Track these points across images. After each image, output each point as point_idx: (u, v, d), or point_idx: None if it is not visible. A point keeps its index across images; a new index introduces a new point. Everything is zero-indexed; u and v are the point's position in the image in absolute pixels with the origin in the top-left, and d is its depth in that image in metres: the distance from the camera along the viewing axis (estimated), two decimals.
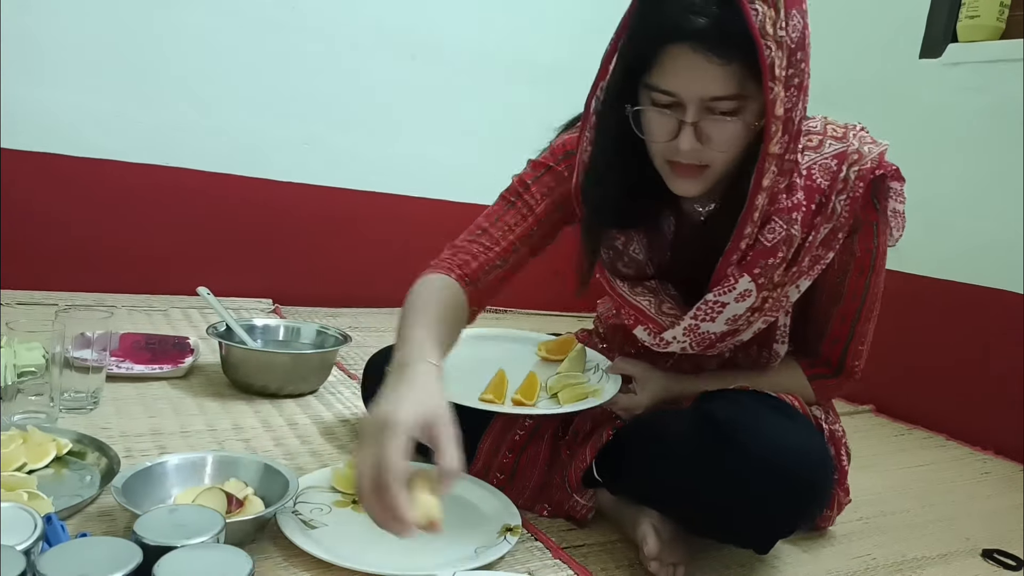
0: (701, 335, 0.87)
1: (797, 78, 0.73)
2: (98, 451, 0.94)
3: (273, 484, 0.87)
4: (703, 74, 0.71)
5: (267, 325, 1.47)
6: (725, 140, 0.75)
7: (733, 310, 0.84)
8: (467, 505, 0.96)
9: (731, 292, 0.83)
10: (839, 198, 0.82)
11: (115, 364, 1.29)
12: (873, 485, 1.32)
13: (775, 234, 0.80)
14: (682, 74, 0.72)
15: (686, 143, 0.75)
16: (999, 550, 1.10)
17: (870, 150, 0.83)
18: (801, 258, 0.83)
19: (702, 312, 0.85)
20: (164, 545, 0.61)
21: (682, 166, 0.78)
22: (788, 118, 0.74)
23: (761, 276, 0.82)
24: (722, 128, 0.74)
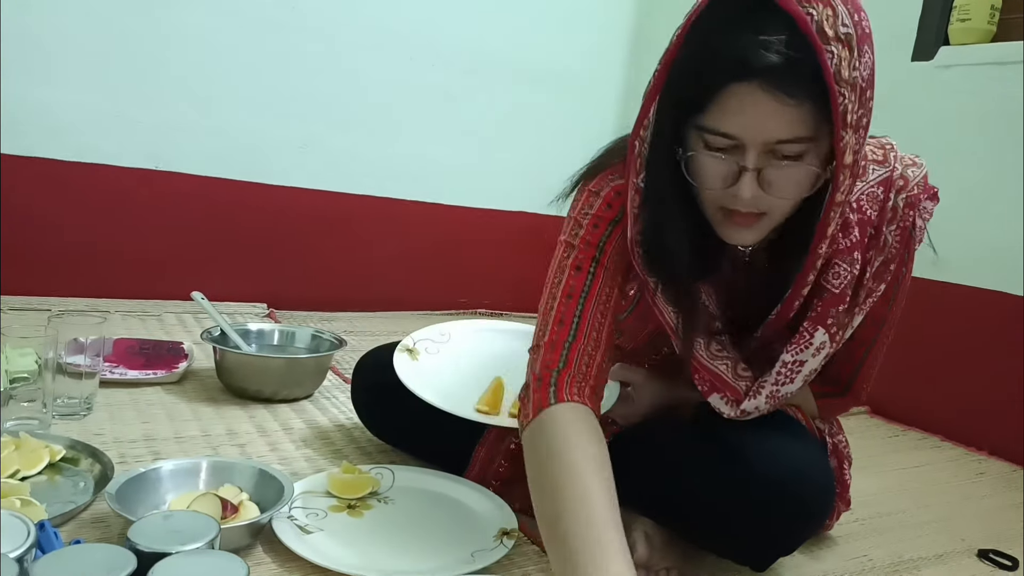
0: (780, 398, 0.81)
1: (865, 118, 0.67)
2: (91, 457, 0.93)
3: (268, 489, 0.86)
4: (771, 115, 0.63)
5: (262, 329, 1.46)
6: (789, 187, 0.68)
7: (811, 366, 0.79)
8: (463, 509, 0.95)
9: (808, 349, 0.78)
10: (889, 228, 0.77)
11: (108, 369, 1.29)
12: (869, 486, 1.32)
13: (840, 279, 0.76)
14: (747, 115, 0.64)
15: (747, 191, 0.67)
16: (995, 550, 1.10)
17: (913, 174, 0.79)
18: (859, 294, 0.79)
19: (782, 376, 0.79)
20: (158, 552, 0.60)
21: (740, 214, 0.70)
22: (855, 162, 0.68)
23: (835, 326, 0.77)
24: (786, 174, 0.67)
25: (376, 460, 1.12)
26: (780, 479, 0.76)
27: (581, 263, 0.80)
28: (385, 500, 0.96)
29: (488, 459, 1.02)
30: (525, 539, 0.92)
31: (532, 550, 0.90)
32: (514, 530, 0.89)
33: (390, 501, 0.96)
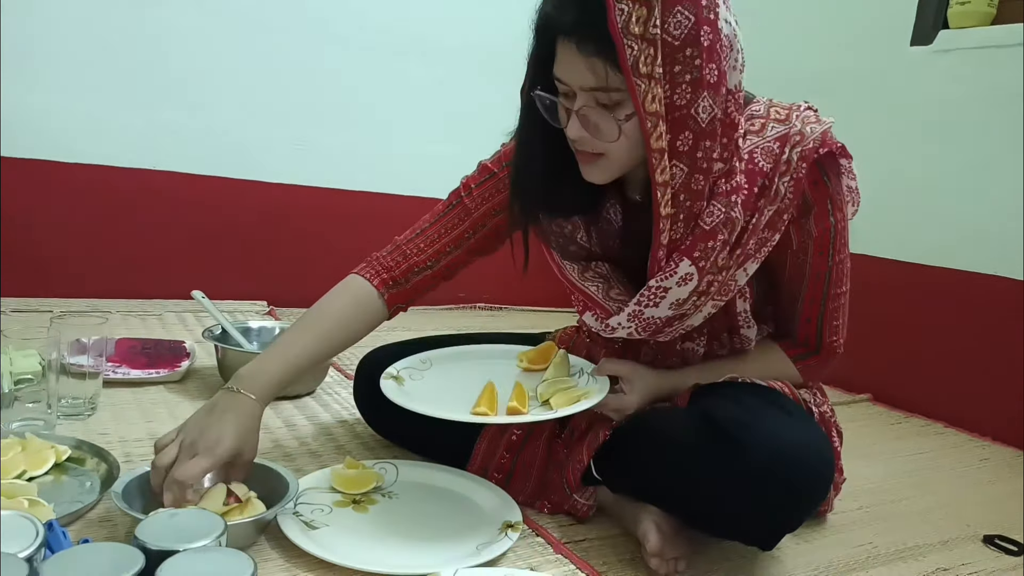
0: (646, 320, 0.87)
1: (688, 74, 0.73)
2: (97, 457, 0.93)
3: (273, 486, 0.86)
4: (577, 66, 0.75)
5: (263, 327, 1.47)
6: (606, 131, 0.78)
7: (676, 294, 0.84)
8: (467, 502, 0.96)
9: (672, 277, 0.83)
10: (783, 180, 0.82)
11: (111, 370, 1.29)
12: (873, 473, 1.32)
13: (714, 217, 0.81)
14: (564, 65, 0.77)
15: (571, 131, 0.79)
16: (1000, 535, 1.11)
17: (812, 130, 0.83)
18: (746, 241, 0.83)
19: (645, 298, 0.85)
20: (166, 549, 0.61)
21: (581, 153, 0.82)
22: (684, 115, 0.75)
23: (702, 259, 0.82)
24: (601, 118, 0.77)
25: (379, 455, 1.12)
26: (779, 454, 0.77)
27: (452, 197, 1.02)
28: (389, 495, 0.96)
29: (489, 452, 1.02)
30: (530, 531, 0.92)
31: (537, 542, 0.91)
32: (518, 522, 0.90)
33: (394, 496, 0.96)
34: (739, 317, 0.93)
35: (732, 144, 0.81)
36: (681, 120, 0.75)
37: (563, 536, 0.94)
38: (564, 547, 0.90)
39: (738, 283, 0.87)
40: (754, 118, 0.85)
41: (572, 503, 0.97)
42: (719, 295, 0.87)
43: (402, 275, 0.98)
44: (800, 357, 0.96)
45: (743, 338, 0.95)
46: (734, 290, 0.87)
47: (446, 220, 1.00)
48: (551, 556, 0.88)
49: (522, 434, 1.02)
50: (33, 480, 0.86)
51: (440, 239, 0.99)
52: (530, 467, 1.01)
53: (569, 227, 0.93)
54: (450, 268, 1.00)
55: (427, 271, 0.99)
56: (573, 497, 0.97)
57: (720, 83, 0.76)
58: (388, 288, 0.98)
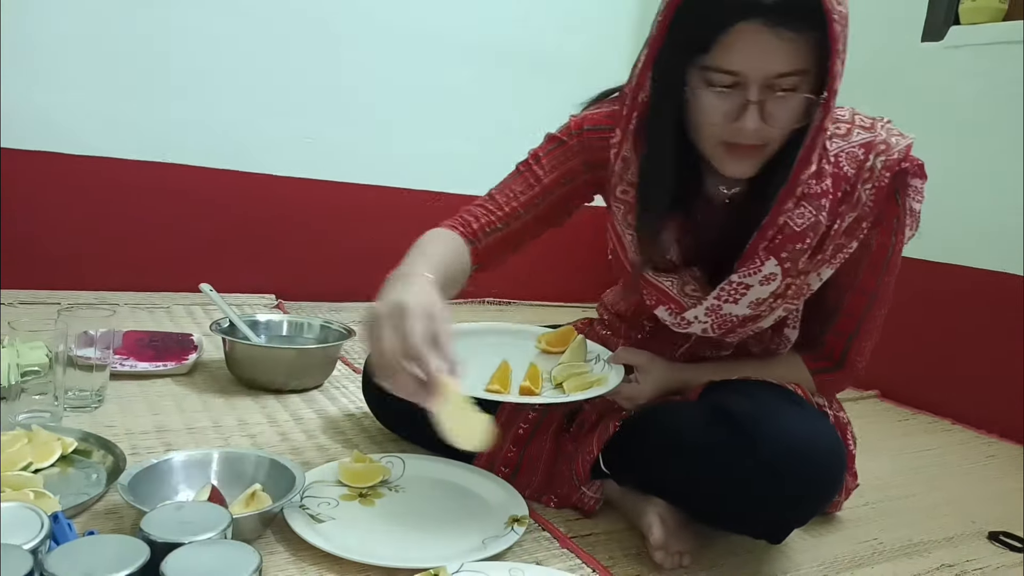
0: (723, 316, 0.86)
1: (845, 53, 0.73)
2: (103, 449, 0.94)
3: (280, 479, 0.87)
4: (774, 50, 0.69)
5: (270, 321, 1.47)
6: (788, 117, 0.74)
7: (756, 293, 0.83)
8: (473, 496, 0.96)
9: (756, 274, 0.82)
10: (864, 187, 0.80)
11: (119, 362, 1.29)
12: (879, 470, 1.32)
13: (804, 219, 0.79)
14: (751, 52, 0.70)
15: (751, 122, 0.73)
16: (1005, 532, 1.10)
17: (897, 141, 0.82)
18: (826, 246, 0.82)
19: (725, 293, 0.84)
20: (171, 542, 0.61)
21: (742, 147, 0.76)
22: (834, 94, 0.74)
23: (787, 261, 0.81)
24: (785, 105, 0.73)
25: (386, 449, 1.12)
26: (791, 448, 0.77)
27: (520, 165, 0.97)
28: (396, 488, 0.97)
29: (496, 446, 1.02)
30: (536, 526, 0.92)
31: (543, 536, 0.91)
32: (525, 516, 0.90)
33: (401, 489, 0.96)
34: (790, 317, 0.91)
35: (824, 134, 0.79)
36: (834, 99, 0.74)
37: (569, 530, 0.94)
38: (570, 541, 0.90)
39: (811, 288, 0.85)
40: (839, 122, 0.83)
41: (579, 496, 0.97)
42: (793, 299, 0.85)
43: (479, 232, 0.92)
44: (820, 371, 0.95)
45: (784, 337, 0.94)
46: (805, 295, 0.86)
47: (515, 186, 0.95)
48: (557, 550, 0.88)
49: (529, 428, 1.02)
50: (39, 472, 0.87)
51: (509, 203, 0.94)
52: (536, 461, 1.01)
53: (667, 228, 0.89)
54: (520, 235, 0.95)
55: (498, 232, 0.93)
56: (581, 490, 0.97)
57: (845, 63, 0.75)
58: (469, 240, 0.92)
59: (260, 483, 0.85)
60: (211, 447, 0.99)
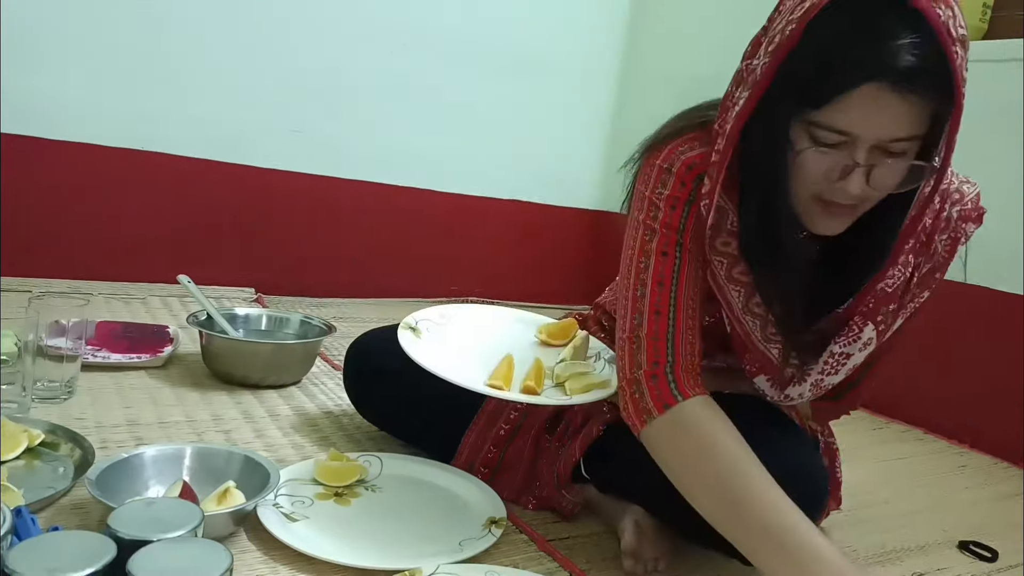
0: (822, 388, 0.83)
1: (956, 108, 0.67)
2: (72, 442, 0.91)
3: (254, 477, 0.85)
4: (896, 115, 0.65)
5: (249, 314, 1.45)
6: (892, 182, 0.69)
7: (855, 360, 0.81)
8: (451, 497, 0.95)
9: (856, 342, 0.79)
10: (940, 238, 0.79)
11: (91, 353, 1.27)
12: (854, 478, 1.32)
13: (895, 279, 0.77)
14: (871, 114, 0.65)
15: (856, 187, 0.68)
16: (975, 542, 1.12)
17: (969, 190, 0.80)
18: (904, 298, 0.80)
19: (829, 366, 0.81)
20: (139, 539, 0.59)
21: (839, 206, 0.72)
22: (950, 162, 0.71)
23: (882, 323, 0.78)
24: (892, 170, 0.68)
25: (364, 448, 1.11)
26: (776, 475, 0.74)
27: (666, 248, 0.79)
28: (373, 488, 0.95)
29: (477, 444, 1.02)
30: (514, 528, 0.92)
31: (521, 539, 0.90)
32: (502, 519, 0.89)
33: (378, 489, 0.95)
34: None
35: None
36: None
37: (547, 533, 0.93)
38: (548, 544, 0.90)
39: (885, 338, 0.82)
40: None
41: (558, 500, 0.97)
42: None
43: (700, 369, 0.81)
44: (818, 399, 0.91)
45: None
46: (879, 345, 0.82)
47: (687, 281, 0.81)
48: (534, 553, 0.88)
49: (510, 428, 1.01)
50: (3, 464, 0.84)
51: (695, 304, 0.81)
52: (517, 462, 1.00)
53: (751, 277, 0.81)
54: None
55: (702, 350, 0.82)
56: (562, 492, 0.96)
57: None
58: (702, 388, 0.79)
59: (233, 480, 0.83)
60: (184, 442, 0.97)
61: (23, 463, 0.87)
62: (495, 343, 0.95)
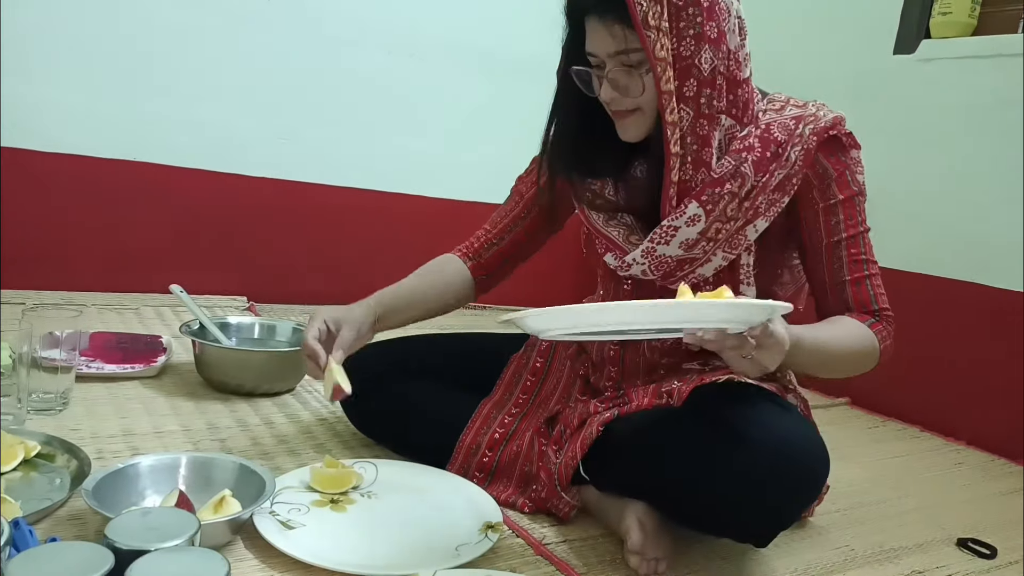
0: (658, 258, 0.94)
1: (692, 29, 0.85)
2: (68, 453, 0.91)
3: (250, 485, 0.85)
4: (602, 36, 0.87)
5: (241, 323, 1.45)
6: (633, 87, 0.88)
7: (685, 234, 0.91)
8: (447, 503, 0.95)
9: (682, 217, 0.91)
10: (794, 149, 0.90)
11: (85, 364, 1.26)
12: (851, 476, 1.33)
13: (723, 168, 0.90)
14: (592, 38, 0.89)
15: (604, 94, 0.90)
16: (973, 539, 1.12)
17: (826, 113, 0.92)
18: (755, 196, 0.90)
19: (658, 236, 0.93)
20: (137, 549, 0.59)
21: (616, 112, 0.92)
22: (688, 64, 0.86)
23: (709, 203, 0.90)
24: (628, 76, 0.88)
25: (359, 454, 1.11)
26: (776, 449, 0.79)
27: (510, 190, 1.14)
28: (368, 495, 0.95)
29: (471, 450, 1.01)
30: (510, 532, 0.92)
31: (517, 543, 0.90)
32: (499, 523, 0.89)
33: (373, 495, 0.95)
34: (741, 270, 0.96)
35: (739, 102, 0.90)
36: (686, 68, 0.86)
37: (544, 537, 0.93)
38: (544, 548, 0.90)
39: (748, 238, 0.92)
40: (775, 101, 0.95)
41: (556, 502, 0.97)
42: (728, 247, 0.92)
43: (479, 249, 1.12)
44: (868, 323, 0.94)
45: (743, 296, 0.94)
46: (743, 244, 0.93)
47: (504, 207, 1.14)
48: (531, 557, 0.88)
49: (505, 432, 1.01)
50: (1, 476, 0.84)
51: (502, 220, 1.12)
52: (512, 466, 1.00)
53: (598, 184, 1.02)
54: (515, 245, 1.12)
55: (495, 247, 1.12)
56: (561, 495, 0.96)
57: (720, 40, 0.86)
58: (469, 259, 1.12)
59: (229, 488, 0.83)
60: (179, 451, 0.97)
61: (20, 475, 0.87)
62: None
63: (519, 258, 1.14)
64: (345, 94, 2.09)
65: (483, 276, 1.12)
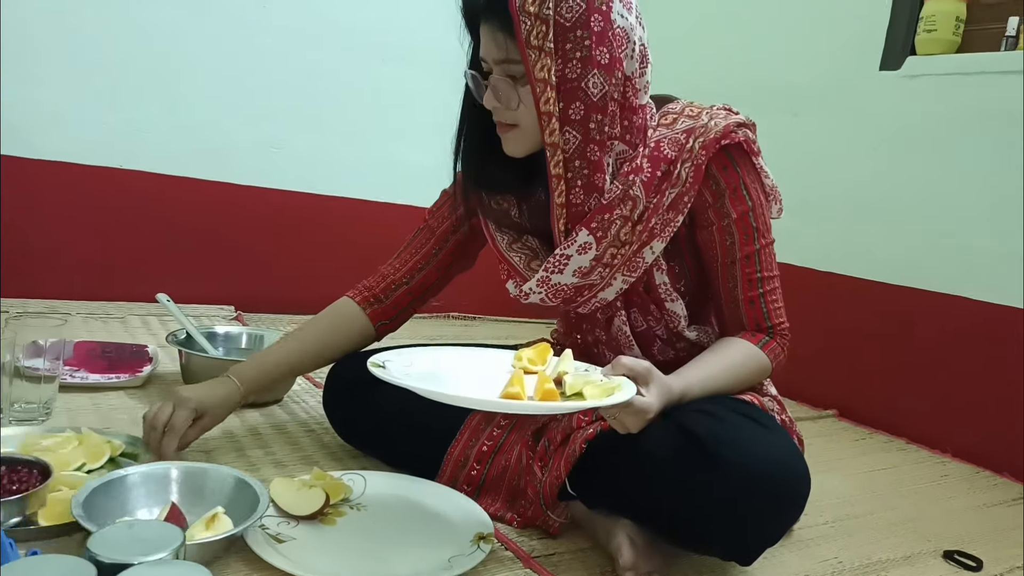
0: (554, 286, 0.95)
1: (579, 52, 0.84)
2: (149, 452, 0.97)
3: (243, 497, 0.83)
4: (488, 41, 0.87)
5: (229, 333, 1.43)
6: (512, 98, 0.88)
7: (577, 262, 0.92)
8: (438, 514, 0.94)
9: (572, 245, 0.91)
10: (684, 166, 0.89)
11: (69, 373, 1.25)
12: (838, 489, 1.34)
13: (612, 194, 0.90)
14: (483, 42, 0.88)
15: (486, 101, 0.90)
16: (959, 551, 1.12)
17: (717, 123, 0.90)
18: (648, 218, 0.90)
19: (552, 264, 0.93)
20: (119, 563, 0.58)
21: (499, 125, 0.92)
22: (574, 87, 0.85)
23: (599, 230, 0.90)
24: (505, 86, 0.88)
25: (347, 466, 1.10)
26: (760, 469, 0.78)
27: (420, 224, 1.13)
28: (358, 507, 0.94)
29: (461, 461, 1.01)
30: (499, 545, 0.91)
31: (506, 556, 0.89)
32: (490, 534, 0.88)
33: (363, 508, 0.94)
34: (660, 289, 0.97)
35: (634, 128, 0.90)
36: (572, 91, 0.85)
37: (533, 550, 0.93)
38: (534, 561, 0.89)
39: (645, 260, 0.93)
40: (668, 114, 0.94)
41: (544, 519, 0.96)
42: (627, 270, 0.93)
43: (381, 292, 1.09)
44: (760, 344, 0.96)
45: (671, 313, 0.98)
46: (642, 267, 0.94)
47: (415, 242, 1.11)
48: (520, 571, 0.87)
49: (493, 445, 1.01)
50: (92, 472, 0.90)
51: (412, 258, 1.10)
52: (500, 480, 0.99)
53: (504, 203, 1.01)
54: (424, 285, 1.11)
55: (403, 287, 1.10)
56: (548, 514, 0.95)
57: (613, 66, 0.85)
58: (369, 304, 1.09)
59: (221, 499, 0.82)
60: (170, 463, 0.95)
61: (107, 471, 0.91)
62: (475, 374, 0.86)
63: (426, 298, 1.12)
64: (337, 102, 2.09)
65: (384, 322, 1.10)
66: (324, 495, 0.89)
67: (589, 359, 0.93)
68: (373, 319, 1.09)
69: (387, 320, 1.10)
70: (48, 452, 0.90)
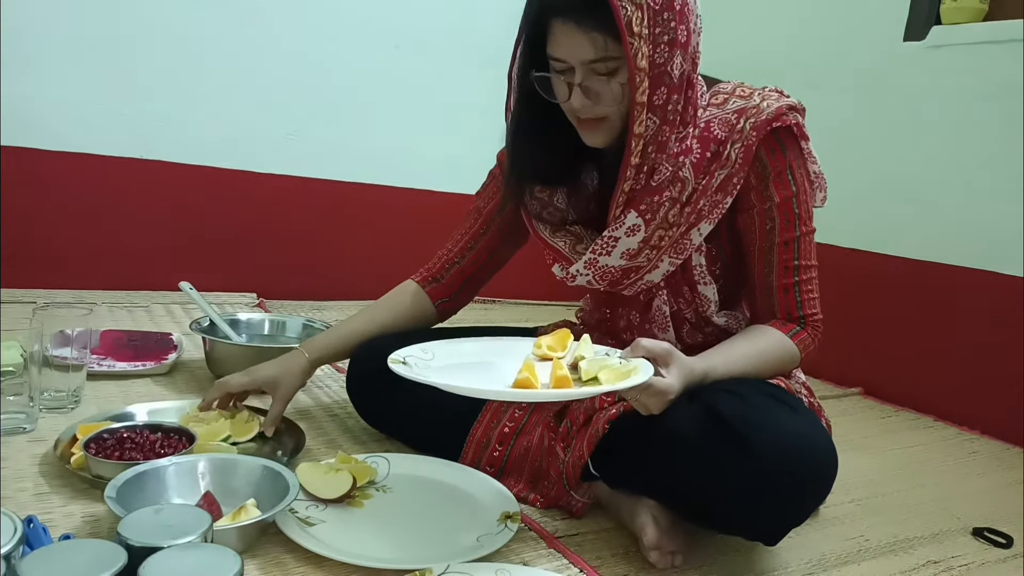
0: (601, 268, 0.95)
1: (667, 35, 0.82)
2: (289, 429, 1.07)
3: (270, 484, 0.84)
4: (578, 42, 0.83)
5: (251, 319, 1.45)
6: (607, 96, 0.86)
7: (626, 244, 0.92)
8: (463, 495, 0.95)
9: (621, 227, 0.91)
10: (734, 147, 0.88)
11: (96, 362, 1.27)
12: (865, 467, 1.32)
13: (661, 175, 0.89)
14: (563, 43, 0.85)
15: (576, 102, 0.87)
16: (989, 528, 1.11)
17: (769, 104, 0.89)
18: (696, 200, 0.90)
19: (599, 247, 0.94)
20: (149, 546, 0.59)
21: (583, 120, 0.90)
22: (661, 71, 0.83)
23: (648, 212, 0.90)
24: (603, 86, 0.85)
25: (370, 448, 1.11)
26: (786, 449, 0.77)
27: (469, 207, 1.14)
28: (384, 489, 0.95)
29: (483, 442, 1.01)
30: (523, 525, 0.91)
31: (530, 536, 0.90)
32: (517, 513, 0.88)
33: (389, 490, 0.95)
34: (695, 271, 0.96)
35: (690, 104, 0.89)
36: (659, 77, 0.84)
37: (556, 530, 0.93)
38: (557, 541, 0.90)
39: (692, 242, 0.93)
40: (719, 93, 0.92)
41: (567, 500, 0.96)
42: (673, 252, 0.93)
43: (438, 272, 1.13)
44: (792, 333, 0.94)
45: (702, 296, 0.97)
46: (689, 249, 0.93)
47: (464, 225, 1.13)
48: (544, 550, 0.87)
49: (515, 426, 1.01)
50: (237, 445, 1.00)
51: (463, 238, 1.13)
52: (523, 460, 1.00)
53: (547, 192, 1.01)
54: (476, 263, 1.13)
55: (456, 265, 1.13)
56: (571, 493, 0.96)
57: (688, 42, 0.85)
58: (428, 283, 1.13)
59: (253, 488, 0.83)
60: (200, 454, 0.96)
61: (254, 446, 1.03)
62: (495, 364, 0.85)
63: (482, 277, 1.14)
64: (353, 90, 2.09)
65: (444, 299, 1.13)
66: (351, 478, 0.90)
67: (618, 343, 0.93)
68: (432, 297, 1.13)
69: (447, 298, 1.13)
70: (202, 423, 1.01)
